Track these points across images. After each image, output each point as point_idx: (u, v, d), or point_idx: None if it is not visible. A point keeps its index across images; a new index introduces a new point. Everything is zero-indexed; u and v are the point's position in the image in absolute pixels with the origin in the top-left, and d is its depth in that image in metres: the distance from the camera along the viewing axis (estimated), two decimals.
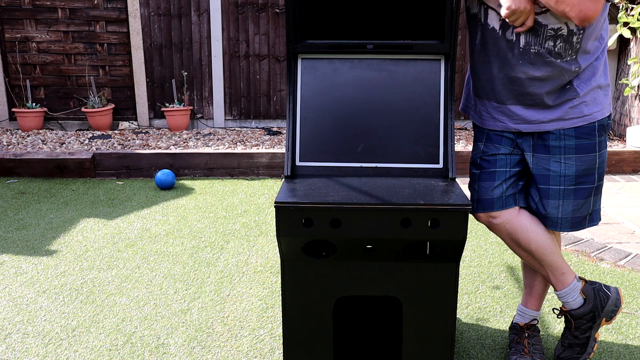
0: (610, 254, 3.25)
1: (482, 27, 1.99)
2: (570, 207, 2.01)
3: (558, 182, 2.00)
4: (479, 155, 2.11)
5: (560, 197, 2.01)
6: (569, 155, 1.97)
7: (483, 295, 2.78)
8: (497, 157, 2.06)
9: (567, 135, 1.96)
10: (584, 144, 1.97)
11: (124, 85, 6.60)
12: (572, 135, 1.96)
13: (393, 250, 1.78)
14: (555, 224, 2.03)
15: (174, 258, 3.23)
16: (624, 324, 2.52)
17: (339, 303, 1.91)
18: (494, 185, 2.04)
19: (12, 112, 6.50)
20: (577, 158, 1.97)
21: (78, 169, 4.93)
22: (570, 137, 1.96)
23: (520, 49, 1.91)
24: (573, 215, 2.03)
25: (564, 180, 1.99)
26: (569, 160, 1.98)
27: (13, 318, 2.57)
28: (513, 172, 2.05)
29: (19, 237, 3.53)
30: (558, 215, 2.02)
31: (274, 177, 5.02)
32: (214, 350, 2.33)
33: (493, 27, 1.94)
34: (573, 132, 1.96)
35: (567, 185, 1.99)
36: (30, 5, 6.34)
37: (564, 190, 2.00)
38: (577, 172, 1.98)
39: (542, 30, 1.87)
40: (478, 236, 3.53)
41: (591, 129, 1.96)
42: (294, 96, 2.04)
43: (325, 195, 1.78)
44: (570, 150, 1.97)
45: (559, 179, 1.99)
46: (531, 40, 1.89)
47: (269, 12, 6.43)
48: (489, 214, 2.06)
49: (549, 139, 1.98)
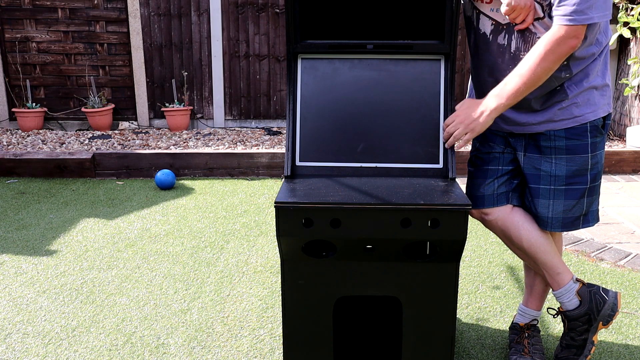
0: (610, 254, 3.25)
1: (474, 31, 2.01)
2: (560, 207, 2.01)
3: (548, 182, 2.00)
4: (474, 152, 2.16)
5: (550, 197, 2.01)
6: (560, 156, 1.98)
7: (483, 295, 2.78)
8: (491, 155, 2.09)
9: (558, 136, 1.97)
10: (575, 144, 1.96)
11: (124, 85, 6.60)
12: (563, 136, 1.96)
13: (393, 250, 1.78)
14: (545, 223, 2.04)
15: (174, 258, 3.23)
16: (624, 324, 2.52)
17: (339, 303, 1.91)
18: (486, 183, 2.07)
19: (12, 112, 6.50)
20: (568, 158, 1.97)
21: (78, 169, 4.93)
22: (561, 138, 1.96)
23: (510, 54, 1.92)
24: (564, 216, 2.02)
25: (554, 180, 2.00)
26: (559, 160, 1.98)
27: (13, 318, 2.57)
28: (506, 170, 2.07)
29: (19, 237, 3.53)
30: (548, 215, 2.03)
31: (274, 177, 5.02)
32: (214, 350, 2.33)
33: (484, 32, 1.97)
34: (563, 132, 1.96)
35: (557, 186, 2.00)
36: (30, 5, 6.34)
37: (554, 190, 2.00)
38: (567, 173, 1.98)
39: (532, 37, 1.87)
40: (478, 236, 3.53)
41: (583, 130, 1.96)
42: (294, 96, 2.04)
43: (325, 195, 1.78)
44: (560, 151, 1.97)
45: (549, 178, 2.00)
46: (521, 46, 1.90)
47: (269, 12, 6.43)
48: (480, 211, 2.09)
49: (540, 139, 1.99)
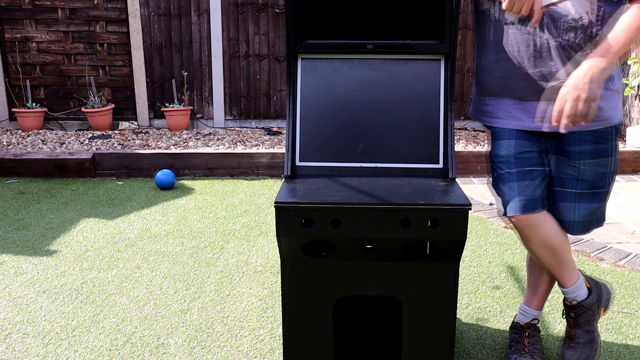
0: (610, 254, 3.25)
1: (494, 23, 1.92)
2: (585, 211, 1.98)
3: (574, 186, 1.96)
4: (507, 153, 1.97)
5: (575, 201, 1.98)
6: (586, 160, 1.93)
7: (483, 295, 2.78)
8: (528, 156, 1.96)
9: (584, 140, 1.91)
10: (601, 148, 1.92)
11: (124, 85, 6.61)
12: (589, 140, 1.91)
13: (393, 250, 1.78)
14: (569, 227, 2.00)
15: (174, 258, 3.23)
16: (624, 324, 2.52)
17: (339, 303, 1.91)
18: (527, 185, 1.94)
19: (12, 112, 6.50)
20: (594, 163, 1.94)
21: (78, 169, 4.93)
22: (587, 142, 1.92)
23: (539, 42, 1.84)
24: (587, 219, 2.00)
25: (579, 184, 1.95)
26: (585, 165, 1.94)
27: (13, 318, 2.57)
28: (541, 171, 1.98)
29: (19, 237, 3.53)
30: (573, 219, 1.99)
31: (274, 177, 5.02)
32: (214, 350, 2.33)
33: (511, 22, 1.87)
34: (590, 136, 1.91)
35: (583, 189, 1.96)
36: (30, 5, 6.34)
37: (579, 194, 1.97)
38: (593, 177, 1.95)
39: (562, 21, 1.80)
40: (478, 236, 3.53)
41: (607, 133, 1.93)
42: (294, 96, 2.04)
43: (325, 195, 1.78)
44: (586, 155, 1.93)
45: (575, 182, 1.96)
46: (551, 33, 1.81)
47: (269, 12, 6.43)
48: (521, 217, 1.94)
49: (568, 144, 1.93)
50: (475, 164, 5.11)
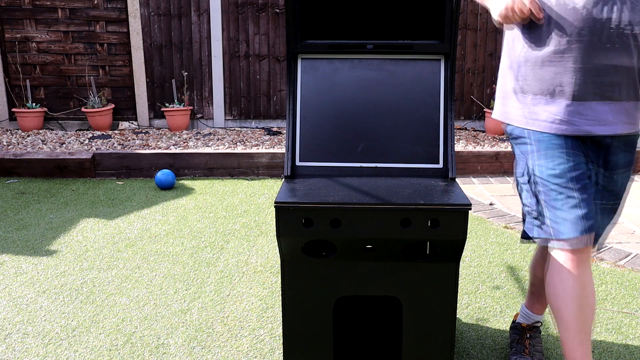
0: (610, 254, 3.25)
1: (548, 10, 1.67)
2: (606, 222, 1.89)
3: (602, 198, 1.84)
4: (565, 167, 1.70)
5: (601, 214, 1.87)
6: (618, 171, 1.82)
7: (483, 295, 2.78)
8: (583, 168, 1.74)
9: (617, 148, 1.78)
10: (630, 158, 1.82)
11: (124, 85, 6.60)
12: (622, 148, 1.78)
13: (393, 250, 1.78)
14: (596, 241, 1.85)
15: (174, 258, 3.23)
16: (624, 324, 2.52)
17: (339, 303, 1.91)
18: (590, 203, 1.72)
19: (12, 112, 6.50)
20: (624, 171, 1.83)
21: (78, 169, 4.93)
22: (622, 151, 1.79)
23: (611, 30, 1.60)
24: (606, 231, 1.91)
25: (607, 196, 1.85)
26: (618, 175, 1.83)
27: (13, 318, 2.57)
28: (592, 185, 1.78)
29: (19, 237, 3.53)
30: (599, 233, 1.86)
31: (274, 177, 5.02)
32: (214, 350, 2.33)
33: (574, 7, 1.62)
34: (622, 144, 1.78)
35: (609, 201, 1.87)
36: (30, 5, 6.34)
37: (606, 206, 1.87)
38: (620, 187, 1.85)
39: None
40: (478, 236, 3.53)
41: (635, 140, 1.81)
42: (294, 96, 2.04)
43: (325, 195, 1.78)
44: (618, 165, 1.82)
45: (606, 194, 1.84)
46: (626, 18, 1.59)
47: (269, 12, 6.43)
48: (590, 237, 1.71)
49: (609, 152, 1.79)
50: (475, 164, 5.11)
